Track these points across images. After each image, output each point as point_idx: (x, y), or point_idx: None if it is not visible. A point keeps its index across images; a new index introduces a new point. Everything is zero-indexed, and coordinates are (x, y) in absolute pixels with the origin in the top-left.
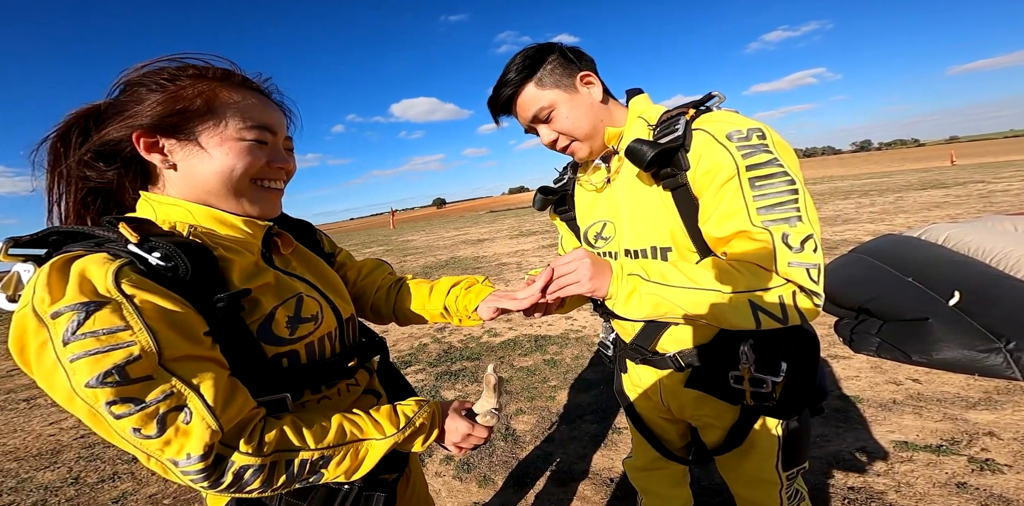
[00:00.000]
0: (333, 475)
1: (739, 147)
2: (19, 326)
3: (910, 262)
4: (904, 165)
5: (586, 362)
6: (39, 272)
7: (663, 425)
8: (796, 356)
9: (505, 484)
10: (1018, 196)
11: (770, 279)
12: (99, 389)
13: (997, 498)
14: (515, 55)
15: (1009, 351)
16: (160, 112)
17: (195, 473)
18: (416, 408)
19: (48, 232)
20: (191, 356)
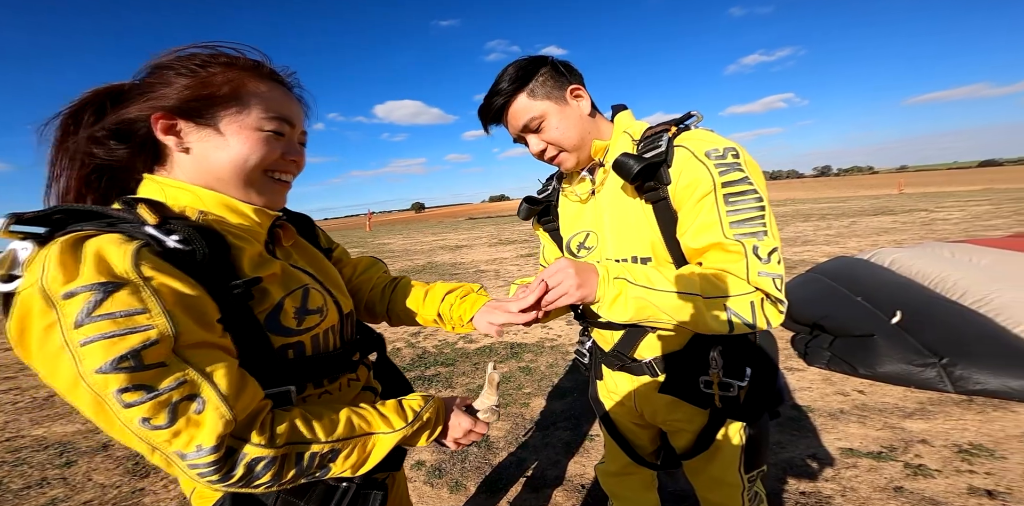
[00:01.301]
0: (340, 469)
1: (716, 165)
2: (22, 307)
3: (859, 283)
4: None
5: (561, 370)
6: (47, 250)
7: (635, 431)
8: (759, 362)
9: (478, 490)
10: (956, 225)
11: (742, 287)
12: (111, 375)
13: (928, 501)
14: (507, 66)
15: (943, 366)
16: (187, 96)
17: (205, 466)
18: (422, 403)
19: (54, 210)
20: (205, 343)
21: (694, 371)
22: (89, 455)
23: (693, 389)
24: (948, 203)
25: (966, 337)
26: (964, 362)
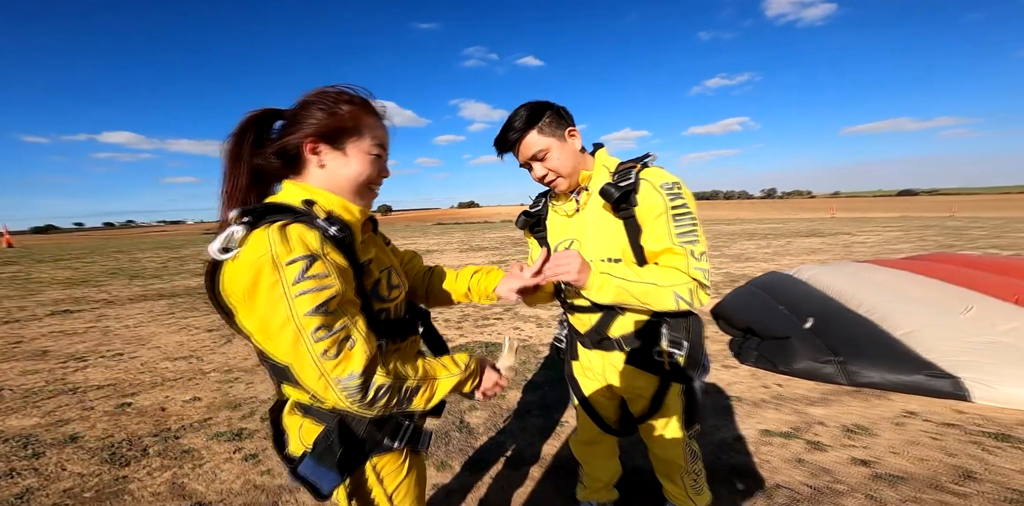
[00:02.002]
0: (417, 403)
1: (667, 194)
2: (254, 268)
3: (783, 294)
4: (798, 214)
5: (533, 367)
6: (264, 232)
7: (603, 402)
8: (691, 338)
9: (462, 468)
10: (871, 247)
11: (684, 278)
12: (313, 316)
13: (822, 469)
14: (520, 107)
15: (840, 363)
16: (326, 126)
17: (353, 388)
18: (467, 358)
19: (263, 206)
20: (351, 301)
21: (649, 345)
22: (57, 447)
23: (648, 359)
24: (868, 228)
25: (859, 340)
26: (856, 360)
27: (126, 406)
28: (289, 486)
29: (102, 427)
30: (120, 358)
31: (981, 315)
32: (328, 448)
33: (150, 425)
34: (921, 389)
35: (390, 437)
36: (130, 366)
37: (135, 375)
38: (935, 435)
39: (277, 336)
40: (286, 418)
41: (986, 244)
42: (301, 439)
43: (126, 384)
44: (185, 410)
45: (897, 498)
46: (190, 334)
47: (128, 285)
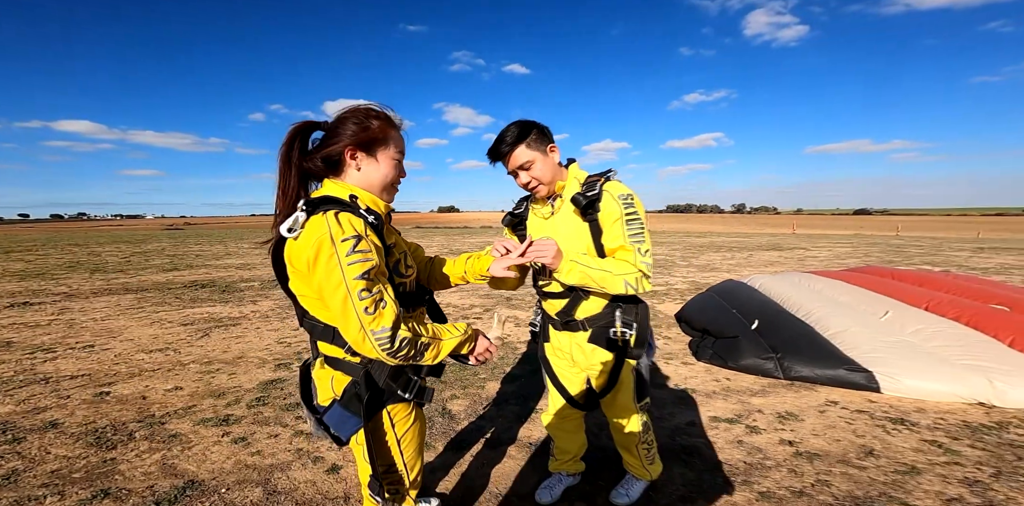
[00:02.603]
0: (427, 357)
1: (622, 204)
2: (316, 243)
3: (736, 299)
4: (763, 229)
5: (511, 362)
6: (322, 217)
7: (570, 379)
8: (639, 320)
9: (445, 449)
10: (821, 261)
11: (632, 268)
12: (360, 280)
13: (756, 448)
14: (511, 124)
15: (778, 360)
16: (362, 137)
17: (385, 339)
18: (465, 326)
19: (320, 198)
20: (383, 272)
21: (606, 326)
22: (38, 432)
23: (606, 337)
24: (822, 243)
25: (795, 339)
26: (791, 357)
27: (104, 395)
28: (280, 464)
29: (82, 414)
30: (91, 350)
31: (895, 319)
32: (355, 394)
33: (133, 412)
34: (842, 381)
35: (402, 389)
36: (103, 357)
37: (110, 366)
38: (849, 420)
39: (332, 295)
40: (317, 373)
41: (921, 261)
42: (333, 388)
43: (101, 374)
44: (167, 398)
45: (812, 471)
46: (164, 328)
47: (89, 279)
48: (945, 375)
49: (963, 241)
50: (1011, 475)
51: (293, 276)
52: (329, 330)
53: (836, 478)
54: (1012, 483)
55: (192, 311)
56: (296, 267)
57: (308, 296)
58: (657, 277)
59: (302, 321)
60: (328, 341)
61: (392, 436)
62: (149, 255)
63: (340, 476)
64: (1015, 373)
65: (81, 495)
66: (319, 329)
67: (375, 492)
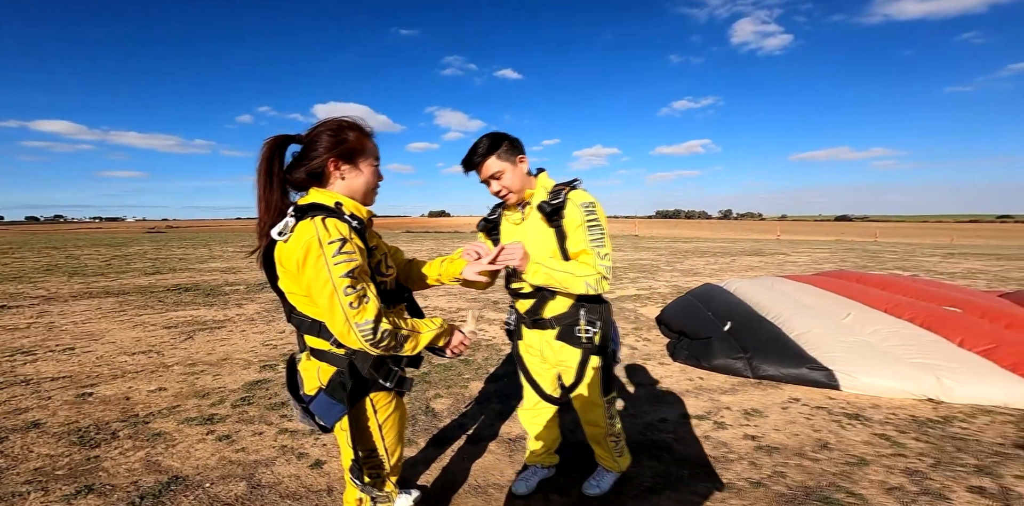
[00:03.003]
0: (406, 348)
1: (584, 211)
2: (306, 246)
3: (712, 302)
4: (748, 235)
5: (495, 363)
6: (310, 222)
7: (542, 374)
8: (603, 319)
9: (427, 445)
10: (800, 266)
11: (592, 270)
12: (345, 278)
13: (721, 443)
14: (483, 136)
15: (747, 360)
16: (342, 149)
17: (368, 331)
18: (441, 321)
19: (308, 205)
20: (366, 271)
21: (572, 324)
22: (20, 432)
23: (572, 335)
24: (802, 249)
25: (764, 340)
26: (759, 357)
27: (87, 396)
28: (264, 460)
29: (64, 414)
30: (72, 352)
31: (856, 320)
32: (340, 383)
33: (116, 412)
34: (804, 380)
35: (384, 378)
36: (85, 360)
37: (91, 368)
38: (808, 416)
39: (320, 292)
40: (303, 365)
41: (893, 266)
42: (319, 377)
43: (83, 376)
44: (151, 399)
45: (771, 463)
46: (147, 330)
47: (68, 282)
48: (898, 373)
49: (936, 247)
50: (948, 465)
51: (283, 276)
52: (316, 325)
53: (791, 470)
54: (948, 472)
55: (176, 314)
56: (286, 267)
57: (296, 294)
58: (641, 281)
59: (290, 317)
60: (315, 335)
61: (374, 422)
62: (130, 258)
63: (324, 470)
64: (961, 371)
65: (65, 491)
66: (306, 324)
67: (355, 476)
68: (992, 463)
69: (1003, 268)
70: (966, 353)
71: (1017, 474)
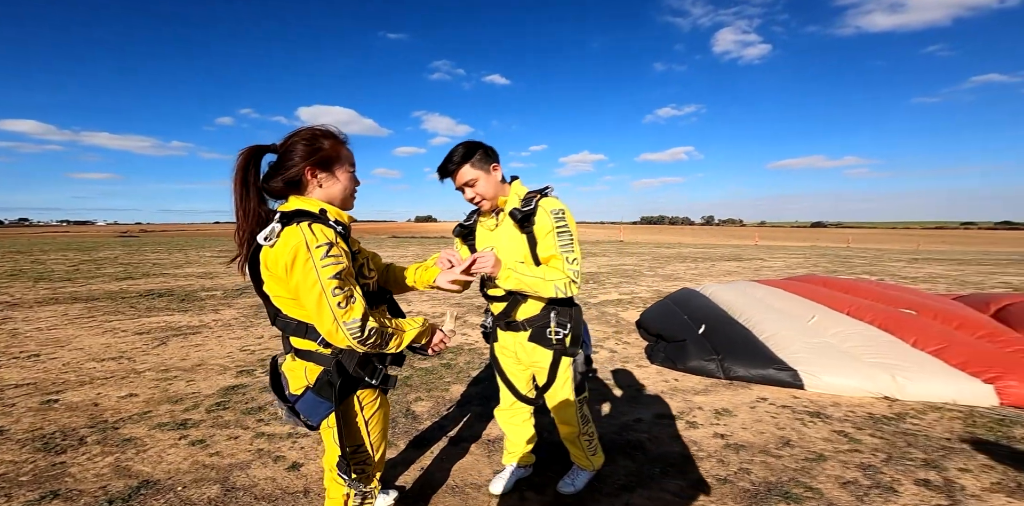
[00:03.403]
0: (391, 346)
1: (554, 218)
2: (294, 250)
3: (688, 306)
4: (729, 240)
5: (476, 366)
6: (297, 228)
7: (516, 375)
8: (573, 321)
9: (407, 446)
10: (775, 271)
11: (561, 275)
12: (333, 280)
13: (692, 441)
14: (458, 145)
15: (719, 361)
16: (318, 157)
17: (356, 329)
18: (423, 320)
19: (294, 211)
20: (351, 273)
21: (544, 326)
22: None
23: (544, 337)
24: (779, 255)
25: (735, 342)
26: (731, 358)
27: (52, 403)
28: (240, 463)
29: (28, 421)
30: (37, 359)
31: (820, 322)
32: (328, 382)
33: (84, 418)
34: (771, 380)
35: (369, 376)
36: (50, 366)
37: (57, 375)
38: (774, 414)
39: (308, 294)
40: (288, 365)
41: (861, 270)
42: (306, 377)
43: (48, 383)
44: (121, 405)
45: (737, 460)
46: (117, 337)
47: (33, 288)
48: (857, 372)
49: (903, 252)
50: (899, 460)
51: (269, 280)
52: (302, 326)
53: (756, 466)
54: (899, 466)
55: (148, 320)
56: (272, 271)
57: (282, 297)
58: (624, 286)
59: (275, 320)
60: (301, 336)
61: (361, 419)
62: (100, 263)
63: (300, 473)
64: (914, 369)
65: (29, 496)
66: (292, 326)
67: (343, 471)
68: (938, 457)
69: (962, 273)
70: (919, 353)
71: (961, 467)
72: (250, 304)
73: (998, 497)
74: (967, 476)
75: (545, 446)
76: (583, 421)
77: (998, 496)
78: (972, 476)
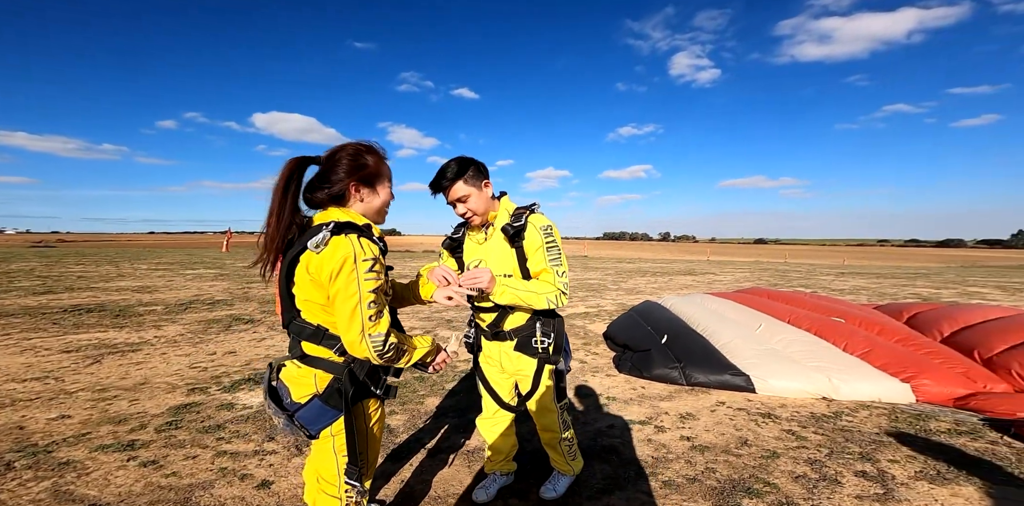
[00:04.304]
0: (402, 361)
1: (543, 234)
2: (341, 259)
3: (651, 317)
4: (683, 256)
5: (450, 379)
6: (346, 238)
7: (500, 383)
8: (556, 331)
9: (385, 460)
10: (725, 285)
11: (552, 288)
12: (371, 294)
13: (661, 445)
14: (451, 161)
15: (681, 369)
16: (363, 173)
17: (379, 343)
18: (431, 340)
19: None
20: (384, 289)
21: (529, 336)
22: None
23: (529, 346)
24: (728, 269)
25: (694, 350)
26: (691, 366)
27: None
28: (201, 483)
29: None
30: None
31: (766, 331)
32: (338, 390)
33: (7, 443)
34: (727, 385)
35: (374, 386)
36: None
37: None
38: (732, 417)
39: (344, 302)
40: (292, 372)
41: (798, 284)
42: (316, 384)
43: None
44: (52, 427)
45: (703, 461)
46: (40, 355)
47: None
48: (798, 375)
49: (831, 267)
50: (840, 454)
51: (306, 284)
52: (319, 332)
53: (720, 465)
54: (840, 460)
55: (76, 337)
56: (314, 276)
57: (311, 301)
58: (590, 300)
59: (290, 324)
60: (316, 342)
61: (365, 425)
62: (13, 276)
63: (272, 491)
64: (846, 371)
65: None
66: (309, 331)
67: (353, 478)
68: (871, 450)
69: (880, 285)
70: (848, 356)
71: (890, 459)
72: (198, 319)
73: (923, 484)
74: (896, 467)
75: (525, 454)
76: (564, 426)
77: (923, 483)
78: (900, 466)
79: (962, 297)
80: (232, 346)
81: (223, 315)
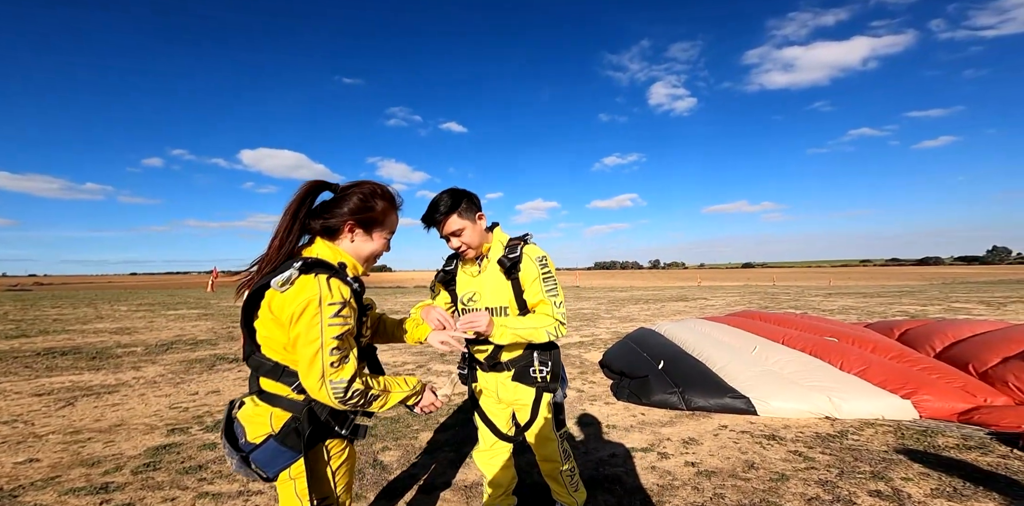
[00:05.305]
0: (374, 407)
1: (539, 265)
2: (305, 301)
3: (646, 343)
4: (675, 282)
5: (444, 412)
6: (314, 278)
7: (497, 414)
8: (553, 359)
9: (376, 498)
10: (717, 309)
11: (551, 320)
12: (335, 340)
13: (666, 471)
14: (444, 193)
15: (680, 393)
16: (364, 216)
17: (340, 390)
18: (416, 381)
19: (315, 261)
20: (353, 333)
21: (526, 366)
22: None
23: (527, 375)
24: (719, 294)
25: (692, 375)
26: (690, 390)
27: None
28: None
29: None
30: None
31: (761, 352)
32: (295, 429)
33: None
34: (728, 408)
35: (339, 426)
36: None
37: None
38: (735, 440)
39: (305, 347)
40: (248, 411)
41: (788, 305)
42: (271, 424)
43: None
44: (19, 471)
45: (711, 486)
46: (8, 399)
47: None
48: (798, 396)
49: (819, 288)
50: (851, 473)
51: (268, 322)
52: (278, 368)
53: (728, 490)
54: (852, 480)
55: (49, 380)
56: (276, 316)
57: (271, 339)
58: (584, 329)
59: (249, 358)
60: (274, 379)
61: (327, 469)
62: None
63: None
64: (846, 390)
65: None
66: (267, 367)
67: None
68: (882, 469)
69: (867, 304)
70: (846, 375)
71: (903, 477)
72: (179, 360)
73: (941, 502)
74: (910, 485)
75: (525, 488)
76: (564, 456)
77: (941, 501)
78: (914, 484)
79: (948, 313)
80: (216, 385)
81: (206, 355)
